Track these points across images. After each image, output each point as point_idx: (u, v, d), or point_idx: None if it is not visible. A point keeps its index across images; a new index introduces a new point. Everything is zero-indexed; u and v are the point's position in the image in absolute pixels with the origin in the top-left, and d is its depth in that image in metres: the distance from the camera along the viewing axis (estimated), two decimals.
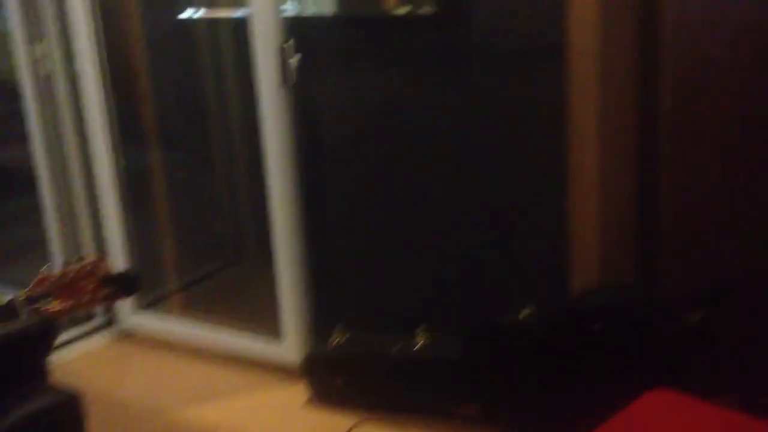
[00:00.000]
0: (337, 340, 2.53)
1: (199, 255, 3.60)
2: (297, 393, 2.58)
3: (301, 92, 2.50)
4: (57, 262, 3.20)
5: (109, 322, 3.03)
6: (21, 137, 3.20)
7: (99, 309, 1.49)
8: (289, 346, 2.70)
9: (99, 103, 2.90)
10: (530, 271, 2.39)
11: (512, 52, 2.27)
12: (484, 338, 2.31)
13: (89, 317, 3.00)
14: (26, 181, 3.28)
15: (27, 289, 1.42)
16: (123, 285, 1.51)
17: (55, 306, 1.43)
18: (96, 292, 1.47)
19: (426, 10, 2.33)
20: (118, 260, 3.04)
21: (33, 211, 3.29)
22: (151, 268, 3.26)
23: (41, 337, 1.64)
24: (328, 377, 2.50)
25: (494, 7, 2.24)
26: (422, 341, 2.43)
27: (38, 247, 3.35)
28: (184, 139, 3.54)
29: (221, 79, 3.47)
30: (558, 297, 2.32)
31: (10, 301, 1.39)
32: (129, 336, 3.03)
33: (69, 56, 2.93)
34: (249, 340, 2.83)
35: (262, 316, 2.84)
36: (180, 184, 3.42)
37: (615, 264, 2.31)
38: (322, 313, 2.71)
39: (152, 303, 3.17)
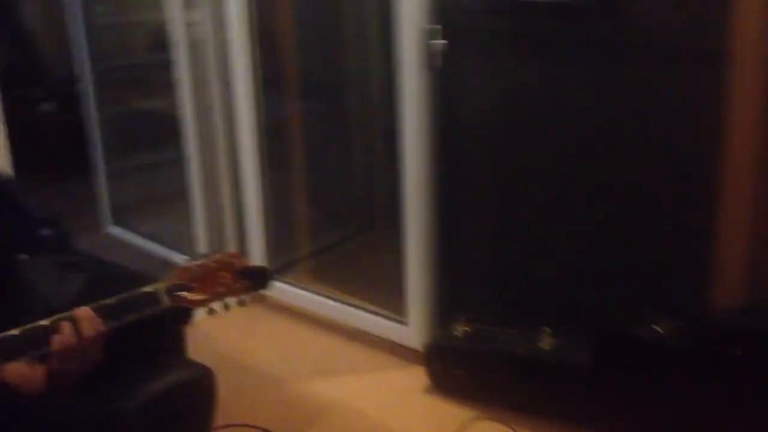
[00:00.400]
0: (461, 330, 2.51)
1: (331, 219, 3.65)
2: (417, 378, 2.60)
3: (444, 75, 2.46)
4: (197, 216, 3.33)
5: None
6: (169, 87, 3.33)
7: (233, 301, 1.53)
8: (413, 330, 2.71)
9: (245, 72, 2.95)
10: (669, 279, 2.28)
11: (668, 50, 2.13)
12: (614, 347, 2.23)
13: None
14: (171, 131, 3.42)
15: (169, 278, 1.46)
16: (257, 279, 1.54)
17: (193, 297, 1.47)
18: (232, 284, 1.51)
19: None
20: (254, 217, 3.13)
21: (177, 163, 3.43)
22: (283, 229, 3.34)
23: (179, 318, 1.69)
24: (449, 368, 2.49)
25: (654, 2, 2.11)
26: (548, 342, 2.37)
27: (179, 199, 3.49)
28: (324, 104, 3.56)
29: (364, 48, 3.46)
30: (697, 311, 2.21)
31: (153, 291, 1.44)
32: (259, 300, 3.13)
33: (220, 24, 2.99)
34: (373, 318, 2.86)
35: (388, 290, 2.86)
36: (316, 146, 3.45)
37: (765, 280, 2.17)
38: (447, 298, 2.69)
39: (284, 267, 3.25)
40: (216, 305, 1.50)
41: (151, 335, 1.68)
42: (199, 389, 1.86)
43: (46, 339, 1.36)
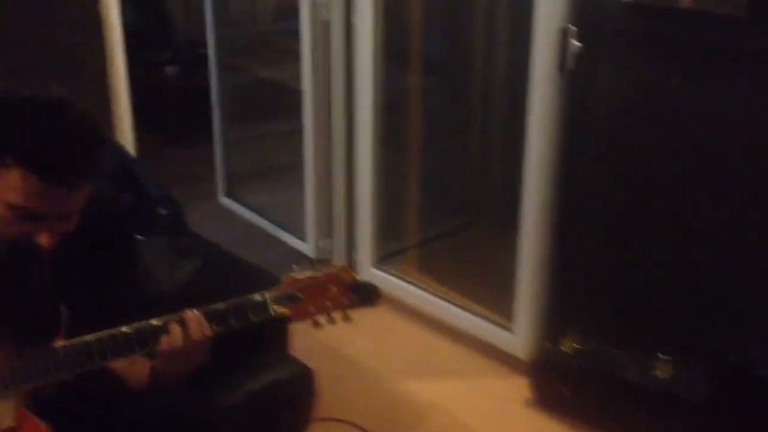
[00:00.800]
0: (572, 346, 2.40)
1: (441, 207, 3.57)
2: (519, 389, 2.51)
3: (576, 75, 2.32)
4: (307, 192, 3.31)
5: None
6: (290, 58, 3.31)
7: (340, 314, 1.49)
8: (519, 338, 2.61)
9: (369, 54, 2.88)
10: None
11: None
12: (736, 385, 2.08)
13: None
14: (289, 103, 3.41)
15: (278, 288, 1.42)
16: (365, 295, 1.49)
17: (301, 308, 1.44)
18: (339, 298, 1.46)
19: (727, 9, 2.03)
20: (365, 198, 3.08)
21: (293, 136, 3.42)
22: (393, 213, 3.28)
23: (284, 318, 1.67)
24: (556, 384, 2.39)
25: None
26: (664, 370, 2.23)
27: (293, 172, 3.49)
28: (445, 87, 3.46)
29: (492, 32, 3.34)
30: None
31: (262, 300, 1.41)
32: None
33: (347, 5, 2.94)
34: (478, 320, 2.78)
35: (495, 290, 2.77)
36: (433, 128, 3.36)
37: None
38: (558, 309, 2.57)
39: (389, 256, 3.20)
40: (321, 318, 1.46)
41: (255, 333, 1.65)
42: (299, 388, 1.84)
43: (156, 339, 1.36)
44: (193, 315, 1.38)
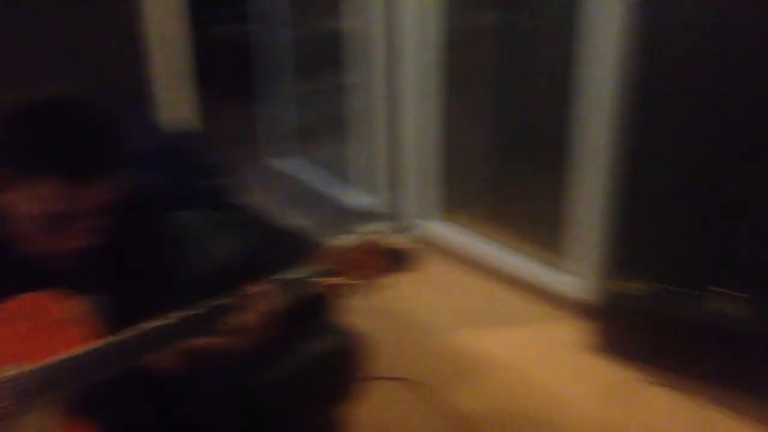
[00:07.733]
0: (638, 288, 2.29)
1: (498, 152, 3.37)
2: (577, 332, 2.45)
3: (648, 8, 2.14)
4: (378, 144, 3.23)
5: (405, 227, 2.94)
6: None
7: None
8: (578, 281, 2.54)
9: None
10: None
11: None
12: None
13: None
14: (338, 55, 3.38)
15: (314, 263, 1.38)
16: (402, 262, 1.44)
17: (339, 280, 1.40)
18: (376, 267, 1.42)
19: None
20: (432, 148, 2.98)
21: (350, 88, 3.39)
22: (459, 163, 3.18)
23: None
24: (622, 327, 2.31)
25: None
26: (740, 310, 2.12)
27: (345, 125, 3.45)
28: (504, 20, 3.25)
29: None
30: None
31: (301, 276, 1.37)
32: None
33: None
34: (534, 264, 2.74)
35: (553, 233, 2.68)
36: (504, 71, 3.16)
37: None
38: (621, 250, 2.40)
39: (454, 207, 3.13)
40: (363, 289, 1.41)
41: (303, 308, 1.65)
42: (351, 357, 1.81)
43: (227, 316, 1.31)
44: (258, 290, 1.33)
